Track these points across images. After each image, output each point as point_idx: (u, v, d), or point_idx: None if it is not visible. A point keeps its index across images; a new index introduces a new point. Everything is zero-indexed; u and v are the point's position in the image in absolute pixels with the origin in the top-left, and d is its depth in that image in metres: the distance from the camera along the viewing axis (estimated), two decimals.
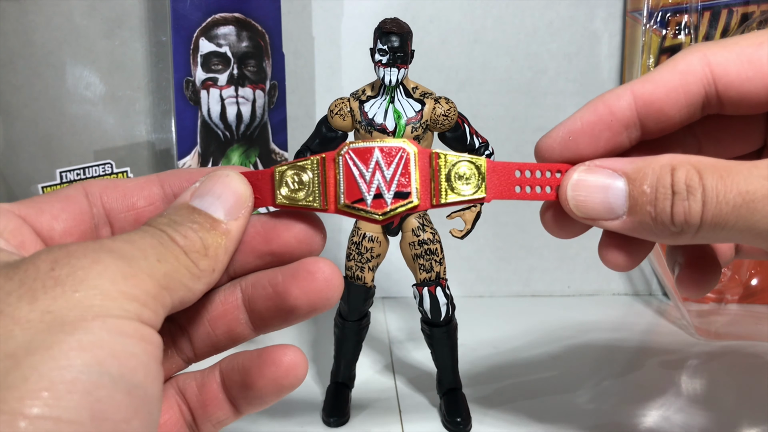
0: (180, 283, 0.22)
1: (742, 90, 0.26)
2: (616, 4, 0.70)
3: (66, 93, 0.63)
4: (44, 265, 0.19)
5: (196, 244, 0.23)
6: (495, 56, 0.70)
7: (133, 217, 0.26)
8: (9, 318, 0.18)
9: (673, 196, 0.24)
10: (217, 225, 0.24)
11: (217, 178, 0.25)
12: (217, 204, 0.24)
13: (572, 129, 0.28)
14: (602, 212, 0.26)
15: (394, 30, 0.42)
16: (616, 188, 0.25)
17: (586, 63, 0.70)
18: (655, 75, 0.27)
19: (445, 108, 0.44)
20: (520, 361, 0.58)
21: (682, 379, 0.55)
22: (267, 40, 0.60)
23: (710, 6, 0.65)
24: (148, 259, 0.21)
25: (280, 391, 0.25)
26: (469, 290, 0.74)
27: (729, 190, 0.23)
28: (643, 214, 0.25)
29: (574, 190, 0.26)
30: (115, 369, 0.18)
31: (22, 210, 0.24)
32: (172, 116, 0.58)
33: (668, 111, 0.27)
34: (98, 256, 0.20)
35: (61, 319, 0.18)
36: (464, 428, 0.46)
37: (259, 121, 0.60)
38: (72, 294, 0.18)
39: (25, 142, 0.64)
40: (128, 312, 0.19)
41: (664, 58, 0.66)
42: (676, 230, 0.24)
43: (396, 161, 0.26)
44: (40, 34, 0.62)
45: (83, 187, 0.26)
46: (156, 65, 0.64)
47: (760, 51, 0.25)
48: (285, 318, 0.26)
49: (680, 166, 0.24)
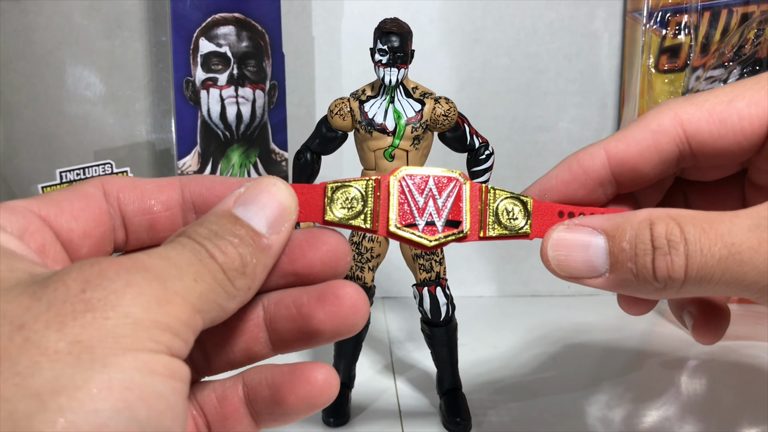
0: (214, 303, 0.21)
1: (715, 146, 0.26)
2: (616, 4, 0.70)
3: (66, 93, 0.63)
4: (75, 285, 0.18)
5: (235, 261, 0.21)
6: (495, 56, 0.70)
7: (147, 222, 0.25)
8: (36, 348, 0.17)
9: (654, 251, 0.23)
10: (258, 239, 0.22)
11: (263, 186, 0.23)
12: (261, 215, 0.23)
13: (546, 186, 0.28)
14: (584, 271, 0.25)
15: (394, 30, 0.42)
16: (596, 246, 0.25)
17: (586, 63, 0.70)
18: (627, 134, 0.27)
19: (445, 108, 0.44)
20: (520, 361, 0.58)
21: (682, 379, 0.55)
22: (267, 40, 0.60)
23: (710, 6, 0.65)
24: (184, 278, 0.20)
25: (311, 408, 0.24)
26: (469, 290, 0.74)
27: (713, 243, 0.23)
28: (624, 271, 0.24)
29: (555, 250, 0.26)
30: (143, 413, 0.17)
31: (42, 209, 0.23)
32: (172, 116, 0.58)
33: (642, 169, 0.27)
34: (132, 278, 0.19)
35: (91, 351, 0.17)
36: (464, 428, 0.46)
37: (259, 121, 0.60)
38: (103, 322, 0.17)
39: (25, 142, 0.64)
40: (159, 345, 0.18)
41: (664, 59, 0.66)
42: (659, 286, 0.24)
43: (449, 191, 0.27)
44: (40, 34, 0.62)
45: (102, 185, 0.25)
46: (156, 65, 0.64)
47: (730, 108, 0.26)
48: (307, 341, 0.25)
49: (659, 220, 0.24)
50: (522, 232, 0.27)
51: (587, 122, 0.72)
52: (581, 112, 0.72)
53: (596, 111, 0.72)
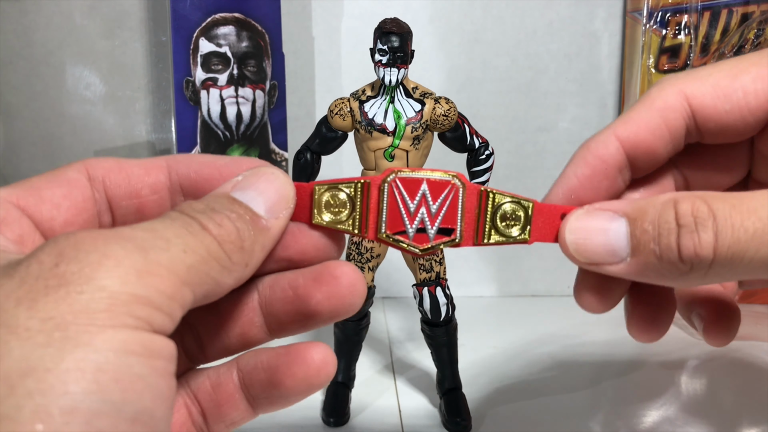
0: (207, 275, 0.20)
1: (720, 122, 0.25)
2: (616, 4, 0.70)
3: (66, 93, 0.63)
4: (48, 259, 0.17)
5: (231, 234, 0.21)
6: (495, 56, 0.70)
7: (135, 206, 0.24)
8: (5, 327, 0.16)
9: (678, 230, 0.22)
10: (257, 219, 0.22)
11: (262, 174, 0.23)
12: (260, 200, 0.22)
13: (570, 187, 0.27)
14: (604, 256, 0.24)
15: (394, 30, 0.42)
16: (616, 230, 0.24)
17: (586, 63, 0.70)
18: (634, 116, 0.26)
19: (445, 108, 0.44)
20: (520, 361, 0.58)
21: (682, 379, 0.55)
22: (267, 40, 0.60)
23: (710, 6, 0.65)
24: (171, 250, 0.19)
25: (309, 389, 0.24)
26: (469, 290, 0.74)
27: (746, 217, 0.21)
28: (647, 253, 0.23)
29: (573, 234, 0.25)
30: (118, 395, 0.16)
31: (21, 199, 0.22)
32: (172, 116, 0.58)
33: (656, 149, 0.26)
34: (110, 250, 0.17)
35: (63, 328, 0.16)
36: (464, 428, 0.46)
37: (259, 121, 0.60)
38: (77, 296, 0.16)
39: (25, 142, 0.64)
40: (138, 320, 0.17)
41: (664, 59, 0.66)
42: (685, 268, 0.22)
43: (444, 196, 0.25)
44: (40, 34, 0.62)
45: (86, 169, 0.24)
46: (156, 65, 0.64)
47: (735, 83, 0.25)
48: (304, 323, 0.25)
49: (683, 199, 0.22)
50: (520, 239, 0.26)
51: (587, 122, 0.72)
52: (581, 112, 0.72)
53: (596, 111, 0.72)
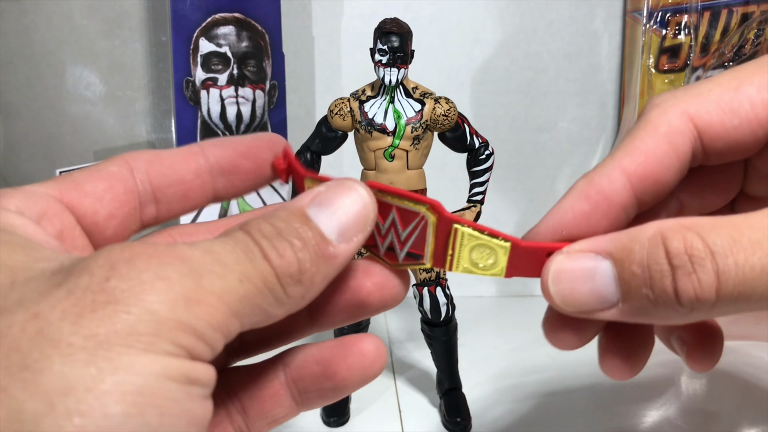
0: (259, 307, 0.19)
1: (729, 140, 0.24)
2: (616, 4, 0.70)
3: (66, 93, 0.63)
4: (99, 272, 0.17)
5: (291, 266, 0.19)
6: (495, 56, 0.70)
7: (181, 192, 0.24)
8: (48, 341, 0.16)
9: (673, 271, 0.20)
10: (324, 246, 0.20)
11: (346, 190, 0.21)
12: (334, 219, 0.21)
13: (562, 222, 0.24)
14: (593, 303, 0.22)
15: (394, 30, 0.42)
16: (602, 273, 0.22)
17: (586, 63, 0.70)
18: (639, 145, 0.24)
19: (445, 108, 0.44)
20: (520, 361, 0.58)
21: (682, 379, 0.55)
22: (267, 40, 0.60)
23: (710, 6, 0.65)
24: (226, 277, 0.18)
25: (364, 380, 0.24)
26: (469, 290, 0.74)
27: (750, 252, 0.19)
28: (640, 298, 0.21)
29: (557, 284, 0.23)
30: (156, 419, 0.16)
31: (65, 194, 0.21)
32: (172, 116, 0.58)
33: (665, 180, 0.24)
34: (164, 271, 0.17)
35: (106, 347, 0.16)
36: (464, 428, 0.46)
37: (259, 121, 0.60)
38: (124, 316, 0.16)
39: (25, 142, 0.64)
40: (179, 348, 0.17)
41: (664, 59, 0.66)
42: (685, 311, 0.20)
43: (412, 226, 0.24)
44: (40, 34, 0.62)
45: (127, 162, 0.23)
46: (156, 65, 0.64)
47: (739, 96, 0.23)
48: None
49: (672, 233, 0.20)
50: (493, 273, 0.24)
51: (587, 122, 0.72)
52: (581, 112, 0.72)
53: (596, 111, 0.72)
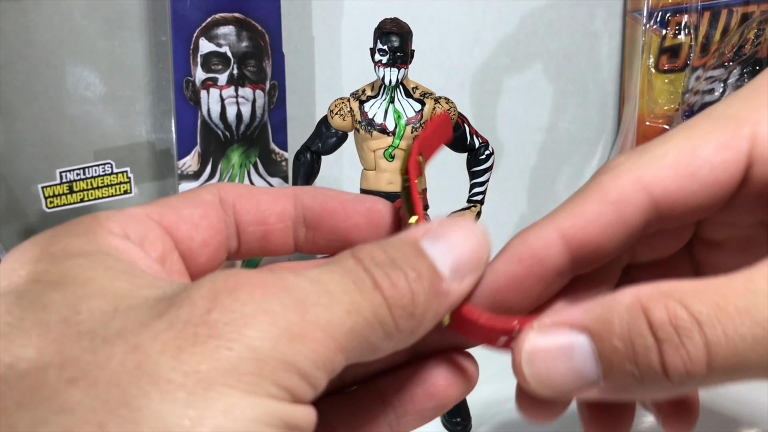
0: (367, 341, 0.18)
1: (687, 205, 0.22)
2: (616, 4, 0.70)
3: (66, 93, 0.63)
4: (201, 303, 0.16)
5: (404, 298, 0.18)
6: (495, 56, 0.70)
7: (261, 233, 0.23)
8: (147, 377, 0.15)
9: (659, 345, 0.18)
10: (438, 282, 0.19)
11: (459, 227, 0.20)
12: (448, 256, 0.20)
13: (495, 287, 0.22)
14: (572, 383, 0.20)
15: (394, 30, 0.42)
16: (580, 349, 0.19)
17: (586, 63, 0.71)
18: (583, 209, 0.22)
19: (445, 108, 0.44)
20: None
21: None
22: (267, 40, 0.60)
23: (710, 6, 0.65)
24: (334, 309, 0.17)
25: (461, 397, 0.24)
26: None
27: (739, 322, 0.17)
28: (623, 375, 0.19)
29: (532, 366, 0.20)
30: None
31: (164, 217, 0.21)
32: (172, 116, 0.58)
33: (606, 248, 0.22)
34: (267, 303, 0.16)
35: (206, 387, 0.15)
36: (464, 428, 0.46)
37: (259, 121, 0.60)
38: (226, 353, 0.15)
39: (25, 142, 0.64)
40: (281, 390, 0.16)
41: (664, 58, 0.66)
42: (673, 386, 0.18)
43: None
44: (40, 34, 0.62)
45: (218, 192, 0.23)
46: (156, 65, 0.64)
47: (696, 159, 0.21)
48: None
49: (652, 302, 0.18)
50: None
51: (587, 122, 0.72)
52: (581, 112, 0.72)
53: (596, 111, 0.72)
